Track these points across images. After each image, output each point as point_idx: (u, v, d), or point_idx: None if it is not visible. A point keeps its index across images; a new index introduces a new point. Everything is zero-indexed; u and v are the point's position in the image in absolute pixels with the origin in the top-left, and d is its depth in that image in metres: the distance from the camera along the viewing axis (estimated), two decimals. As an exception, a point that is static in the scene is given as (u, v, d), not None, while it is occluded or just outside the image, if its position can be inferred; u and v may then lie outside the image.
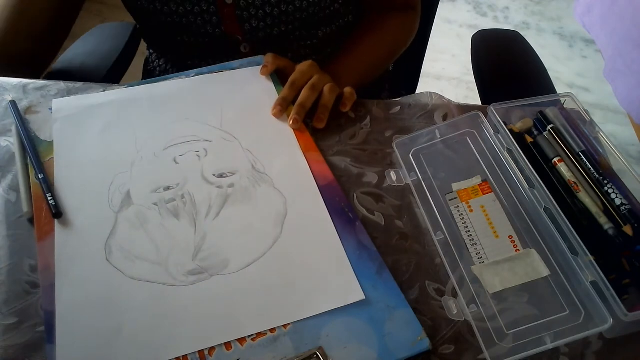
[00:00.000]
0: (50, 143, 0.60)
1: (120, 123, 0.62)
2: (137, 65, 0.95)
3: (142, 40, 0.90)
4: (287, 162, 0.59)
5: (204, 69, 0.69)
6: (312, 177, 0.57)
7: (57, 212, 0.53)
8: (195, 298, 0.48)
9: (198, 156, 0.59)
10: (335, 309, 0.47)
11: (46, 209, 0.54)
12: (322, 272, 0.50)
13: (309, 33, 0.78)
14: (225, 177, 0.57)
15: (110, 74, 0.85)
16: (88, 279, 0.49)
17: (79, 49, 0.88)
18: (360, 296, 0.48)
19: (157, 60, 0.86)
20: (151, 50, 0.88)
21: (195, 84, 0.67)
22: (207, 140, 0.61)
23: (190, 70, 0.69)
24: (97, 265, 0.50)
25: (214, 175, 0.57)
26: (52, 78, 0.68)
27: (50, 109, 0.63)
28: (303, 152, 0.60)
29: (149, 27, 0.79)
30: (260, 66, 0.68)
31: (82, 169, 0.58)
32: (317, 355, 0.45)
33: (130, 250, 0.51)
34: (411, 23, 0.82)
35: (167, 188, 0.56)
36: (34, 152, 0.58)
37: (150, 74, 0.88)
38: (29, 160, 0.58)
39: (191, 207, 0.54)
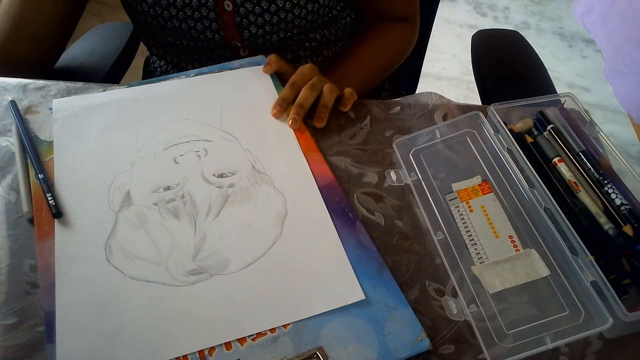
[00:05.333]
0: (50, 143, 0.60)
1: (120, 123, 0.62)
2: (137, 65, 0.95)
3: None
4: (287, 162, 0.59)
5: (204, 68, 0.69)
6: (312, 177, 0.57)
7: (57, 212, 0.53)
8: (195, 298, 0.48)
9: (198, 156, 0.59)
10: (335, 309, 0.47)
11: (46, 209, 0.54)
12: (322, 272, 0.50)
13: (307, 37, 0.78)
14: (225, 177, 0.57)
15: (110, 73, 0.85)
16: (88, 279, 0.49)
17: (79, 49, 0.89)
18: (360, 296, 0.48)
19: (157, 61, 0.87)
20: (151, 52, 0.89)
21: (195, 83, 0.67)
22: (207, 140, 0.60)
23: (190, 70, 0.69)
24: (97, 265, 0.50)
25: (214, 175, 0.57)
26: (52, 78, 0.68)
27: (50, 108, 0.63)
28: (303, 152, 0.60)
29: (148, 31, 0.79)
30: (260, 66, 0.68)
31: (82, 169, 0.58)
32: (317, 355, 0.45)
33: (130, 250, 0.51)
34: (410, 33, 0.83)
35: (167, 188, 0.56)
36: (34, 152, 0.58)
37: (150, 75, 0.88)
38: (29, 160, 0.58)
39: (191, 207, 0.54)
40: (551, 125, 0.58)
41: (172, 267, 0.50)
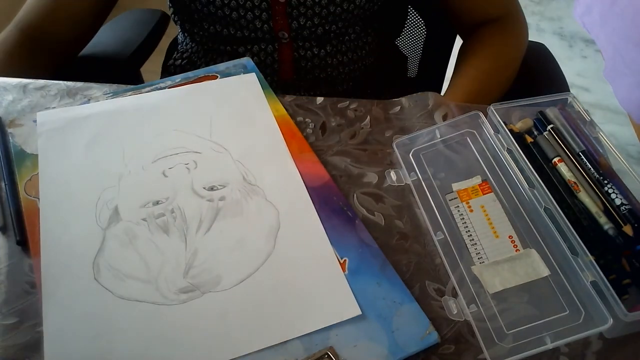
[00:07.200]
0: (37, 156, 0.58)
1: (107, 135, 0.60)
2: (155, 60, 0.97)
3: (172, 23, 0.91)
4: (278, 173, 0.57)
5: (189, 73, 0.68)
6: (305, 188, 0.56)
7: (19, 240, 0.52)
8: (187, 317, 0.47)
9: (187, 168, 0.57)
10: None
11: (38, 226, 0.52)
12: (317, 288, 0.49)
13: (347, 30, 0.80)
14: (215, 189, 0.55)
15: (133, 58, 0.88)
16: (76, 299, 0.48)
17: (104, 35, 0.89)
18: (356, 312, 0.47)
19: (190, 44, 0.86)
20: (192, 39, 0.88)
21: (183, 93, 0.66)
22: (196, 152, 0.59)
23: (176, 75, 0.68)
24: (84, 285, 0.48)
25: (204, 188, 0.55)
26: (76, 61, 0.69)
27: (35, 121, 0.62)
28: (296, 156, 0.59)
29: (192, 18, 0.79)
30: (250, 74, 0.68)
31: (68, 185, 0.56)
32: (329, 355, 0.44)
33: (119, 269, 0.49)
34: (513, 32, 0.76)
35: (156, 202, 0.54)
36: (9, 178, 0.56)
37: (173, 59, 0.90)
38: (15, 175, 0.57)
39: (181, 222, 0.53)
40: (551, 125, 0.58)
41: (163, 285, 0.49)
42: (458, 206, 0.55)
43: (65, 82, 0.67)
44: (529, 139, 0.58)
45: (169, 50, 0.96)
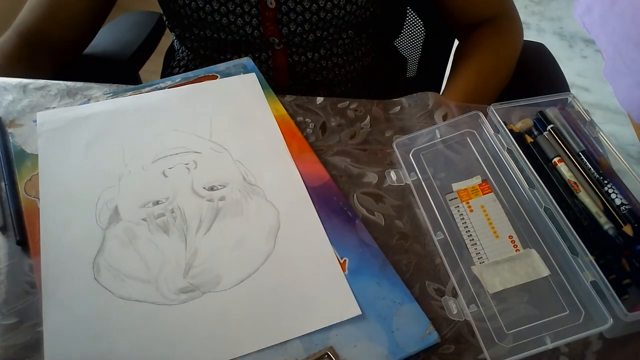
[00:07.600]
0: (37, 156, 0.58)
1: (107, 136, 0.60)
2: (155, 60, 0.97)
3: (168, 29, 0.91)
4: (278, 173, 0.57)
5: (189, 73, 0.68)
6: (305, 188, 0.56)
7: (19, 240, 0.52)
8: (187, 317, 0.47)
9: (187, 168, 0.57)
10: None
11: (38, 226, 0.52)
12: (317, 288, 0.49)
13: (340, 36, 0.79)
14: (215, 189, 0.55)
15: (131, 61, 0.88)
16: (76, 299, 0.48)
17: (103, 37, 0.89)
18: (356, 312, 0.47)
19: (185, 52, 0.86)
20: (184, 45, 0.88)
21: (183, 93, 0.66)
22: (196, 152, 0.59)
23: (176, 75, 0.68)
24: (84, 285, 0.48)
25: (204, 188, 0.56)
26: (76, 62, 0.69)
27: (35, 121, 0.62)
28: (296, 156, 0.59)
29: (183, 23, 0.79)
30: (250, 74, 0.68)
31: (68, 185, 0.56)
32: (329, 355, 0.44)
33: (119, 269, 0.49)
34: (508, 32, 0.76)
35: (156, 202, 0.54)
36: (10, 178, 0.56)
37: (171, 66, 0.89)
38: (15, 175, 0.57)
39: (181, 222, 0.53)
40: (551, 125, 0.58)
41: (163, 285, 0.49)
42: (458, 206, 0.55)
43: (65, 82, 0.67)
44: (529, 139, 0.58)
45: (165, 59, 0.96)
